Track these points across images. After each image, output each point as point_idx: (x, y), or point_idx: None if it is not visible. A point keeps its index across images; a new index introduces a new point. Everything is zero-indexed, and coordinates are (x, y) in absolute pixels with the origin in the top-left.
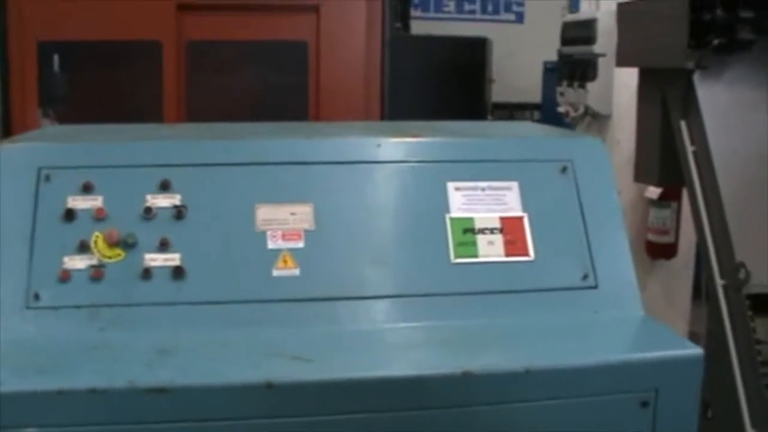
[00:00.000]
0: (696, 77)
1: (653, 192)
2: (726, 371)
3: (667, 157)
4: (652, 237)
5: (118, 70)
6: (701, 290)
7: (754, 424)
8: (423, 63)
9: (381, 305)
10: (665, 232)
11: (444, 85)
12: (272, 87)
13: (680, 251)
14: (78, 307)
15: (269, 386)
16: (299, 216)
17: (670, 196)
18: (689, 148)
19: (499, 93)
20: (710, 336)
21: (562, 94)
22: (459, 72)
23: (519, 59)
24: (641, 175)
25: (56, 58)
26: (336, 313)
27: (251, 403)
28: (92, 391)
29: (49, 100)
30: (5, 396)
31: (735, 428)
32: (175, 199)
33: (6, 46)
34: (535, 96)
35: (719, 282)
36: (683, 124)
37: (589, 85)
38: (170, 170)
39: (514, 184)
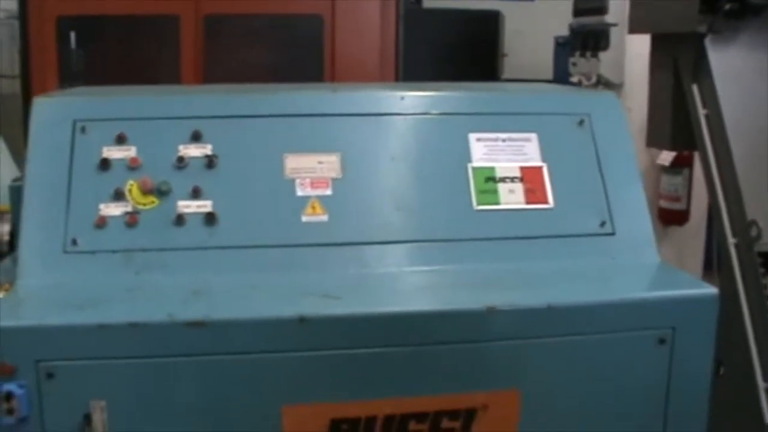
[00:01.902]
0: (708, 42)
1: (665, 159)
2: (738, 329)
3: (679, 122)
4: (664, 204)
5: (136, 44)
6: (712, 262)
7: (766, 378)
8: (437, 36)
9: (406, 249)
10: (677, 199)
11: (457, 58)
12: (288, 61)
13: (692, 218)
14: (114, 251)
15: (301, 320)
16: (327, 165)
17: (681, 163)
18: (701, 112)
19: (510, 70)
20: (722, 294)
21: (574, 64)
22: (472, 46)
23: (529, 36)
24: (653, 140)
25: (73, 34)
26: (363, 257)
27: (284, 337)
28: (132, 326)
29: (66, 77)
30: (48, 330)
31: (747, 385)
32: (207, 149)
33: (26, 22)
34: (546, 73)
35: (731, 241)
36: (695, 88)
37: (602, 55)
38: (201, 122)
39: (533, 136)
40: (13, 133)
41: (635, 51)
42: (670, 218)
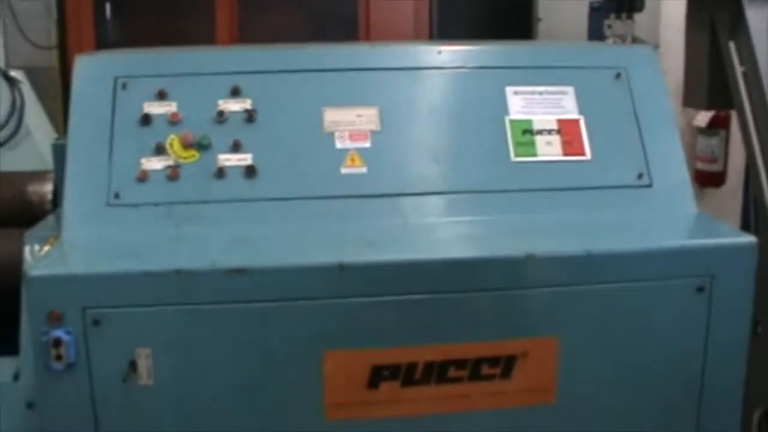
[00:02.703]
0: None
1: (702, 120)
2: None
3: (715, 81)
4: (700, 165)
5: (171, 14)
6: (749, 224)
7: None
8: (471, 1)
9: (444, 200)
10: (713, 161)
11: (492, 23)
12: (322, 28)
13: (728, 179)
14: (156, 204)
15: (341, 267)
16: (365, 118)
17: (718, 125)
18: (738, 69)
19: (544, 35)
20: (760, 255)
21: (609, 26)
22: (507, 10)
23: (564, 2)
24: (690, 100)
25: (108, 5)
26: (402, 208)
27: (324, 284)
28: (176, 273)
29: (102, 47)
30: (94, 278)
31: None
32: (246, 104)
33: None
34: (581, 39)
35: None
36: (732, 46)
37: (637, 17)
38: (240, 77)
39: (570, 89)
40: (49, 105)
41: (671, 12)
42: (706, 180)
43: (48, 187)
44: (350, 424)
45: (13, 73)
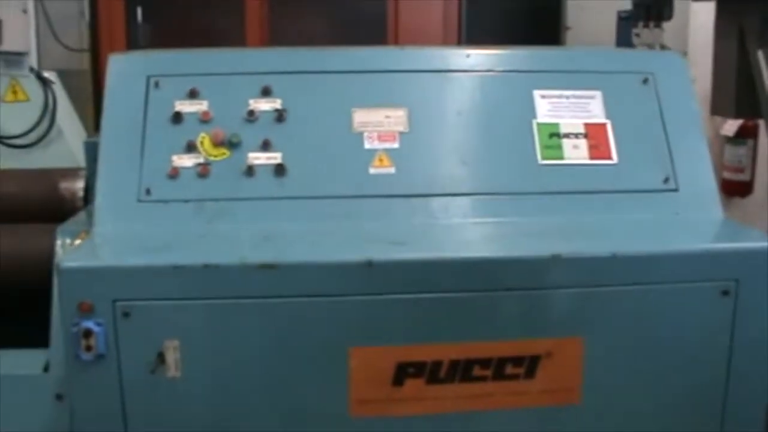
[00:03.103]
0: None
1: (729, 129)
2: None
3: (743, 89)
4: (727, 175)
5: (201, 18)
6: None
7: None
8: (500, 8)
9: (472, 201)
10: (741, 170)
11: (521, 30)
12: (351, 32)
13: (756, 189)
14: (186, 201)
15: (370, 264)
16: (394, 119)
17: (746, 134)
18: (766, 77)
19: (573, 43)
20: None
21: (637, 34)
22: (536, 18)
23: (593, 10)
24: (717, 108)
25: (140, 9)
26: (429, 208)
27: (352, 281)
28: (205, 267)
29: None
30: (125, 270)
31: None
32: (276, 104)
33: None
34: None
35: None
36: (761, 54)
37: (665, 25)
38: (271, 77)
39: (598, 93)
40: (81, 108)
41: (699, 20)
42: (733, 189)
43: (80, 184)
44: (375, 422)
45: (46, 74)
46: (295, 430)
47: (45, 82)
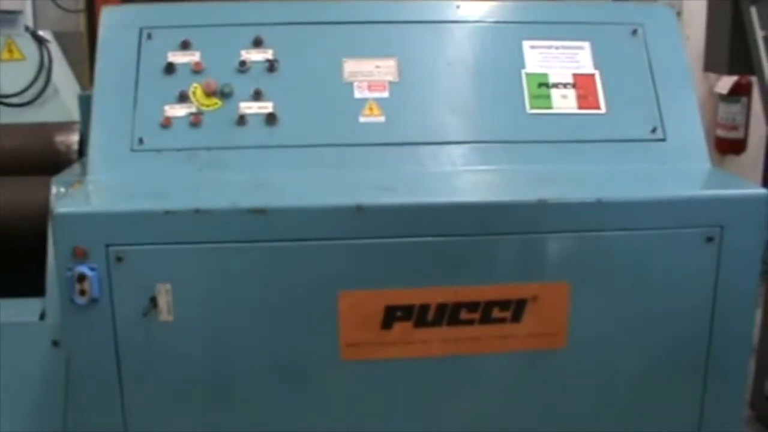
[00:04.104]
0: None
1: (723, 87)
2: None
3: (736, 46)
4: (721, 132)
5: None
6: None
7: None
8: None
9: (461, 150)
10: (735, 128)
11: None
12: None
13: (750, 146)
14: (179, 150)
15: (359, 209)
16: (384, 69)
17: (739, 92)
18: (759, 34)
19: None
20: None
21: None
22: None
23: None
24: (711, 64)
25: None
26: (419, 156)
27: (341, 225)
28: (197, 212)
29: None
30: (118, 215)
31: None
32: (268, 54)
33: None
34: None
35: None
36: (753, 11)
37: None
38: (262, 28)
39: (586, 44)
40: (77, 69)
41: None
42: (727, 147)
43: (74, 137)
44: (364, 365)
45: (41, 33)
46: (285, 372)
47: (40, 41)
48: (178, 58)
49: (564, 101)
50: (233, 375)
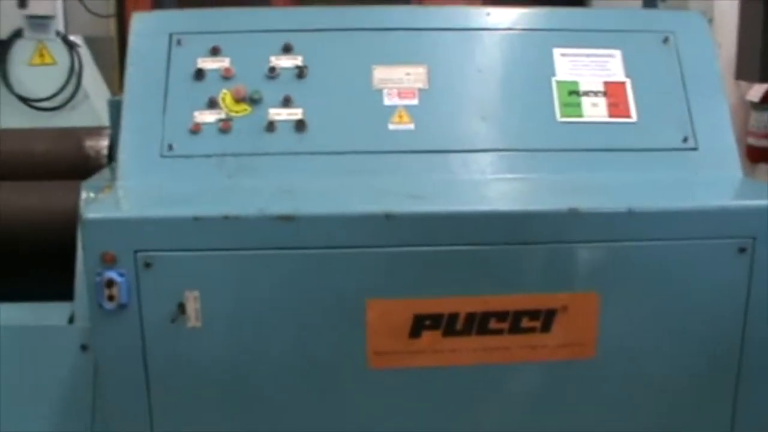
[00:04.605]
0: None
1: (755, 95)
2: None
3: None
4: (752, 141)
5: None
6: None
7: None
8: None
9: (490, 158)
10: (766, 136)
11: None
12: None
13: None
14: (208, 156)
15: (388, 217)
16: (414, 76)
17: None
18: None
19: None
20: None
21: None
22: None
23: None
24: (743, 72)
25: None
26: (448, 164)
27: (370, 233)
28: (226, 218)
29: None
30: (147, 221)
31: None
32: (297, 60)
33: None
34: None
35: None
36: None
37: None
38: (292, 35)
39: (618, 52)
40: (107, 75)
41: None
42: (758, 156)
43: (104, 142)
44: (392, 374)
45: (72, 37)
46: (313, 381)
47: (71, 46)
48: (208, 64)
49: (595, 109)
50: (260, 382)
